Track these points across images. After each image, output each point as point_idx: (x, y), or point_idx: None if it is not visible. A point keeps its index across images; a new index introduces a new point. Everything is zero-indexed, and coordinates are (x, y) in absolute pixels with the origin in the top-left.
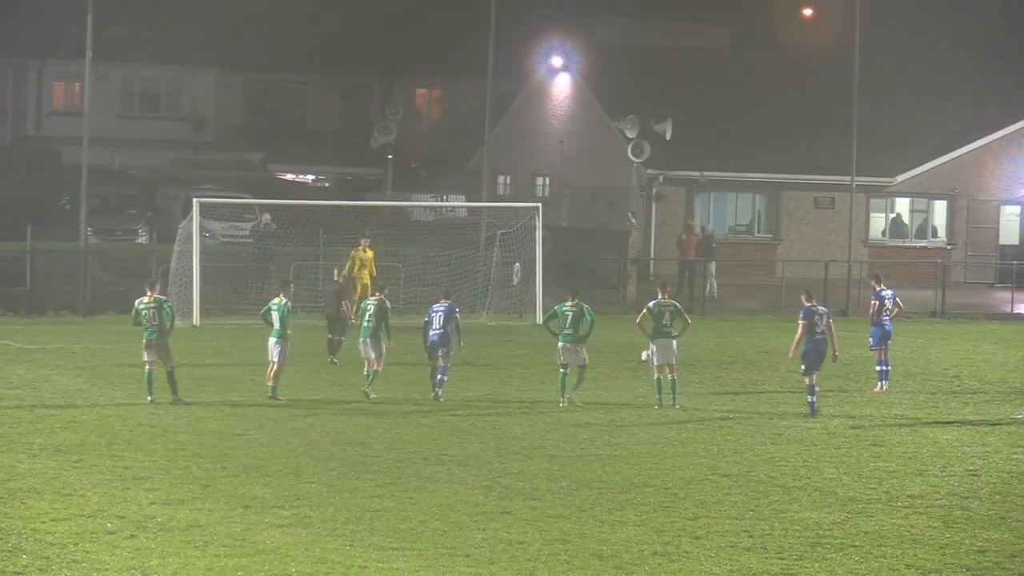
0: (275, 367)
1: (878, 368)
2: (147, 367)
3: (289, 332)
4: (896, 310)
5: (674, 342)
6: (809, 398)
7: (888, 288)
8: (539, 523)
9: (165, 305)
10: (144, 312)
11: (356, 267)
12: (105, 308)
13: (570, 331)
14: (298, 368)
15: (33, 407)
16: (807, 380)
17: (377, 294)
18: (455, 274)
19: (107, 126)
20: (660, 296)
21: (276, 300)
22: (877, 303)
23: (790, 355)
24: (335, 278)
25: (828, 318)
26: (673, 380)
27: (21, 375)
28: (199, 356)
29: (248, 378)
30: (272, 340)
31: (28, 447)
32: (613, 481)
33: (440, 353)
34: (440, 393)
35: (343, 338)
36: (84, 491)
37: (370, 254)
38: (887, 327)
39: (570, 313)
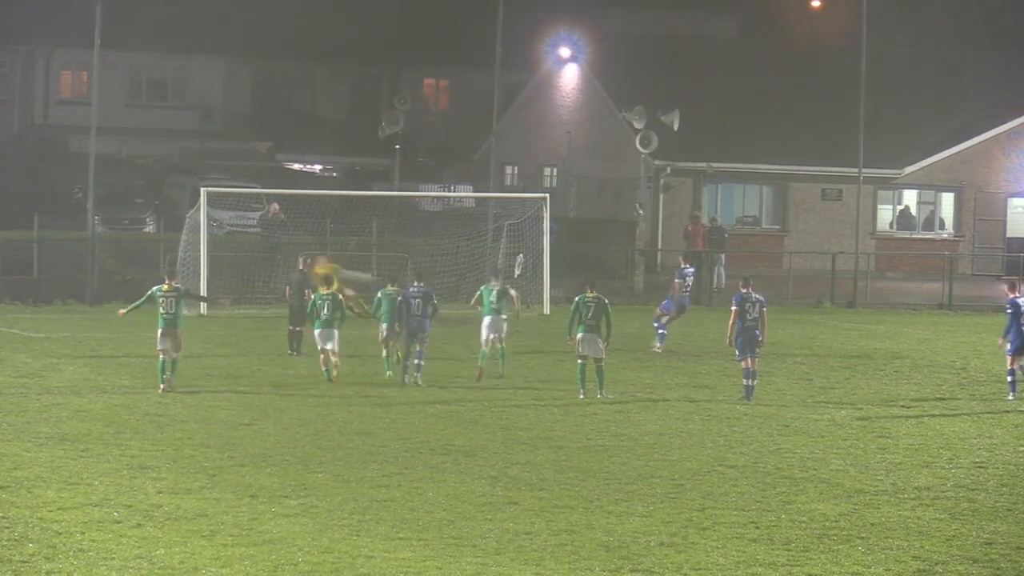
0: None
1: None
2: (161, 356)
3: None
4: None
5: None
6: (745, 381)
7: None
8: (546, 514)
9: (180, 299)
10: (162, 300)
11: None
12: (112, 297)
13: (592, 321)
14: (303, 359)
15: (40, 396)
16: (742, 364)
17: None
18: (463, 264)
19: (115, 115)
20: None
21: (323, 292)
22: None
23: (727, 342)
24: (300, 267)
25: (763, 306)
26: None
27: (28, 364)
28: (206, 346)
29: (255, 368)
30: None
31: (35, 436)
32: (620, 472)
33: (418, 338)
34: (419, 377)
35: (303, 329)
36: (91, 480)
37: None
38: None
39: (592, 304)
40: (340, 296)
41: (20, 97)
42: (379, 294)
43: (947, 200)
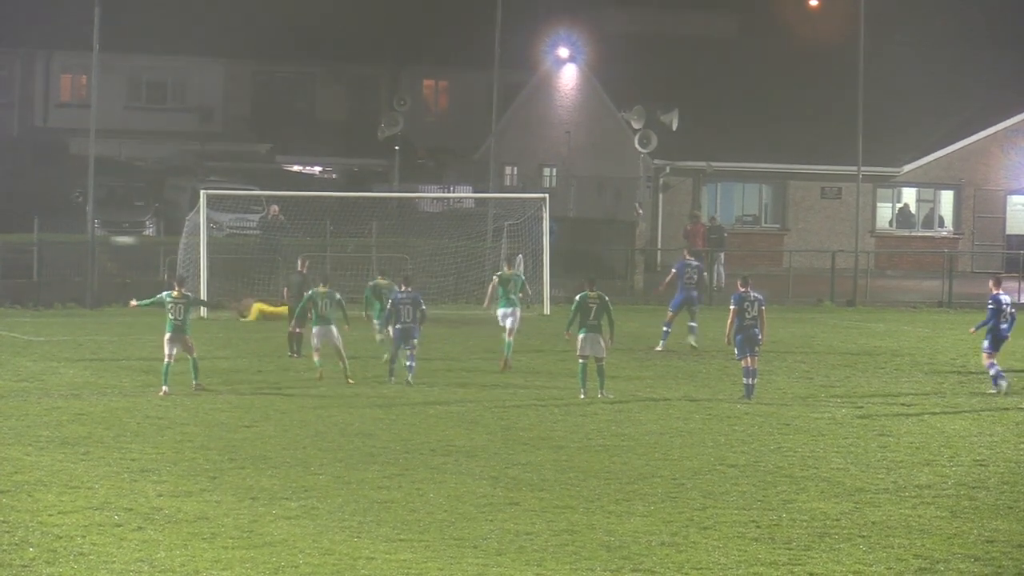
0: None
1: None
2: (166, 359)
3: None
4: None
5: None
6: (745, 380)
7: (695, 260)
8: (547, 514)
9: (190, 306)
10: (171, 306)
11: None
12: (112, 300)
13: (595, 321)
14: (304, 361)
15: (40, 399)
16: (742, 363)
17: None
18: (462, 265)
19: (114, 118)
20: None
21: (321, 290)
22: (675, 271)
23: (725, 341)
24: (299, 268)
25: (761, 305)
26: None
27: (28, 367)
28: (206, 348)
29: (256, 370)
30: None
31: (35, 439)
32: (621, 471)
33: (408, 344)
34: (411, 378)
35: (303, 331)
36: (91, 483)
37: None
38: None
39: (595, 304)
40: (338, 295)
41: (20, 100)
42: (369, 284)
43: (946, 198)
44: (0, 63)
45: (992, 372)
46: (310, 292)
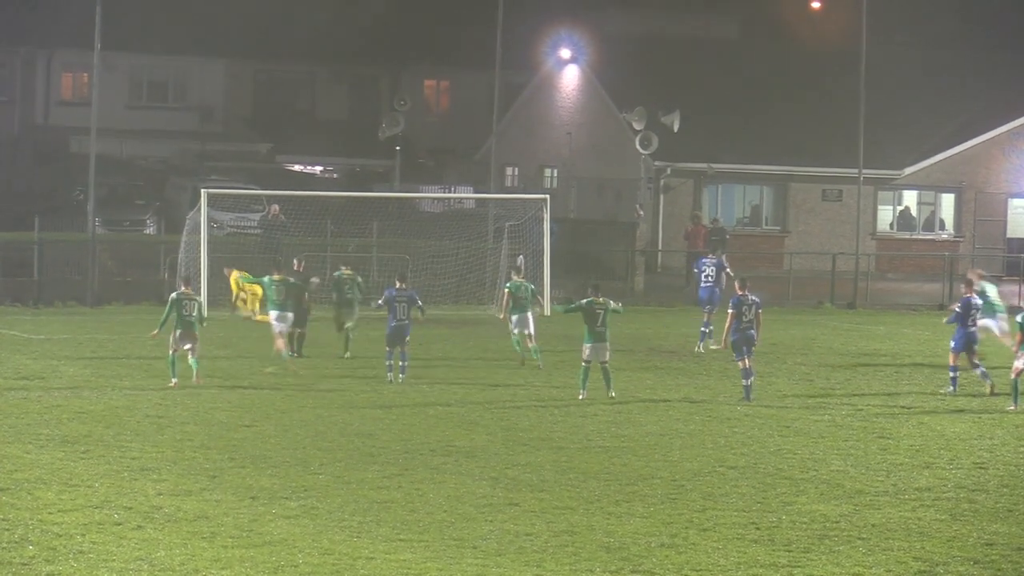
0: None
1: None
2: (171, 352)
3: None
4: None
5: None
6: (744, 382)
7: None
8: (546, 515)
9: (198, 304)
10: (186, 304)
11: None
12: (112, 298)
13: (600, 329)
14: (305, 361)
15: (40, 397)
16: (740, 365)
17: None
18: (463, 266)
19: (115, 116)
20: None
21: (276, 278)
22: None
23: (722, 345)
24: (296, 268)
25: (758, 308)
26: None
27: (28, 365)
28: (206, 347)
29: (256, 369)
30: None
31: (35, 437)
32: (620, 473)
33: (403, 341)
34: (403, 378)
35: (304, 331)
36: (91, 482)
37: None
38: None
39: (600, 311)
40: (292, 279)
41: (21, 98)
42: (334, 275)
43: (947, 201)
44: (1, 61)
45: (951, 374)
46: (265, 279)
